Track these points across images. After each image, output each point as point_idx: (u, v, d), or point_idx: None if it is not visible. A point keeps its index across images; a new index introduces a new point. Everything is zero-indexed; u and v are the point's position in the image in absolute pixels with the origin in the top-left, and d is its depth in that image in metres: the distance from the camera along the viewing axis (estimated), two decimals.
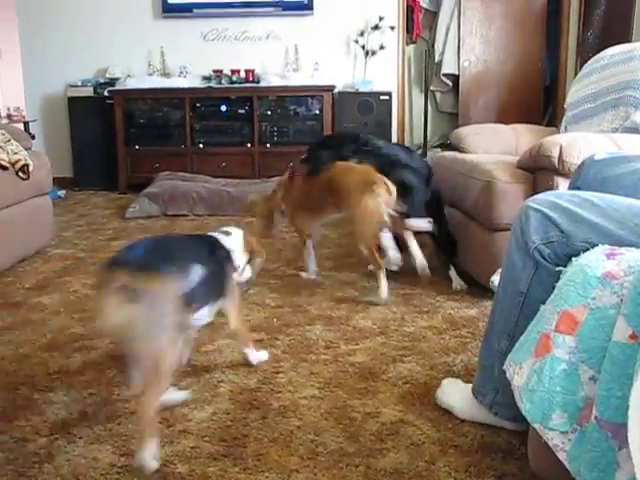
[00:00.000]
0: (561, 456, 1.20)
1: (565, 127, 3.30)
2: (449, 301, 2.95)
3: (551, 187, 2.60)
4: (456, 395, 1.91)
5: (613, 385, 1.09)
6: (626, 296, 1.12)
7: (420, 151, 7.16)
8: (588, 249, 1.35)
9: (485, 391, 1.77)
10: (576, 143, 2.55)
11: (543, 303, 1.34)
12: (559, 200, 1.49)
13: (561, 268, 1.38)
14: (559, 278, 1.34)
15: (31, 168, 3.66)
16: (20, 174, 3.62)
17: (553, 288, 1.33)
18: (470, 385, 1.89)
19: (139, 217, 4.93)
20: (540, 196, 1.55)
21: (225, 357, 2.34)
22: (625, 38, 4.77)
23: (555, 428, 1.21)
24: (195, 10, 6.27)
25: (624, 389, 1.05)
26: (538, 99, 6.72)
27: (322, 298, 3.02)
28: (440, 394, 1.95)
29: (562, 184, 2.55)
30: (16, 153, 3.62)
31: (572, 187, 1.84)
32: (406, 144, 6.76)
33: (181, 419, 1.90)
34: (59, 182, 5.64)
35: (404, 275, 3.32)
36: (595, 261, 1.26)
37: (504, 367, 1.38)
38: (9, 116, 5.94)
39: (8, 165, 3.55)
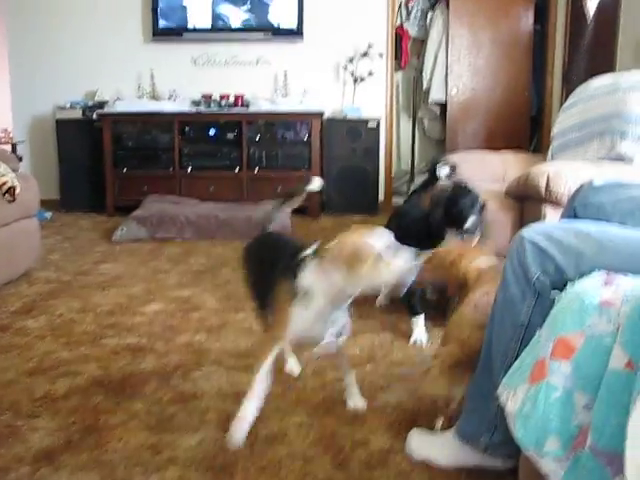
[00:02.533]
0: None
1: (552, 155, 3.34)
2: (437, 328, 2.94)
3: (539, 216, 2.62)
4: (433, 445, 1.83)
5: (609, 413, 1.08)
6: (623, 324, 1.12)
7: (407, 177, 7.21)
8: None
9: (477, 434, 1.70)
10: (563, 173, 2.58)
11: None
12: (554, 231, 1.49)
13: (556, 292, 1.38)
14: None
15: (17, 190, 3.64)
16: (7, 196, 3.60)
17: None
18: (444, 433, 1.85)
19: (126, 240, 4.91)
20: (535, 226, 1.54)
21: (212, 383, 2.32)
22: (610, 67, 4.84)
23: (549, 454, 1.20)
24: (185, 34, 6.30)
25: (619, 418, 1.04)
26: (525, 127, 6.78)
27: None
28: (415, 447, 1.86)
29: (550, 212, 2.57)
30: (3, 175, 3.60)
31: (568, 210, 1.84)
32: (393, 170, 6.81)
33: (168, 447, 1.87)
34: (46, 204, 5.60)
35: (392, 303, 3.32)
36: (592, 289, 1.26)
37: (497, 392, 1.37)
38: None
39: None
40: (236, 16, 6.27)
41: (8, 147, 5.73)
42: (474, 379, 1.75)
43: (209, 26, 6.27)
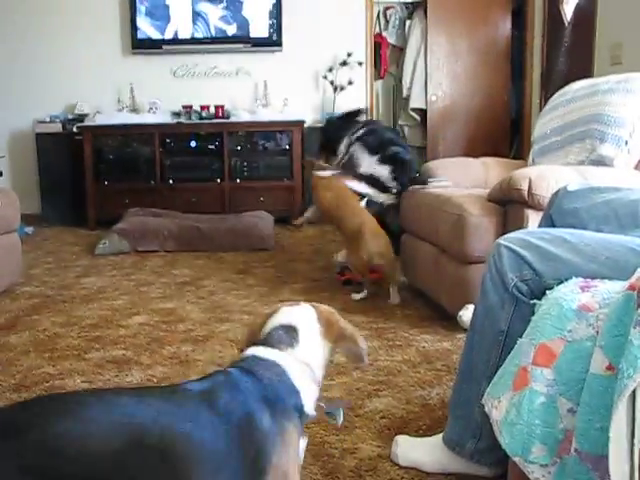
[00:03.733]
0: None
1: (533, 160, 3.36)
2: (423, 334, 2.95)
3: (522, 220, 2.63)
4: (420, 450, 1.81)
5: (592, 417, 1.09)
6: (602, 328, 1.13)
7: None
8: (562, 283, 1.37)
9: (463, 441, 1.70)
10: (545, 176, 2.59)
11: None
12: (530, 238, 1.50)
13: (536, 301, 1.39)
14: None
15: None
16: None
17: None
18: (430, 438, 1.84)
19: (109, 254, 4.88)
20: (512, 234, 1.56)
21: None
22: (587, 70, 4.89)
23: (535, 461, 1.20)
24: (165, 46, 6.30)
25: (603, 421, 1.05)
26: (505, 132, 6.84)
27: None
28: (400, 452, 1.82)
29: (532, 217, 2.57)
30: None
31: (545, 217, 1.85)
32: None
33: None
34: (27, 219, 5.56)
35: (376, 309, 3.33)
36: (570, 294, 1.27)
37: (482, 401, 1.38)
38: None
39: None
40: (215, 27, 6.28)
41: None
42: (456, 386, 1.75)
43: (188, 37, 6.29)
